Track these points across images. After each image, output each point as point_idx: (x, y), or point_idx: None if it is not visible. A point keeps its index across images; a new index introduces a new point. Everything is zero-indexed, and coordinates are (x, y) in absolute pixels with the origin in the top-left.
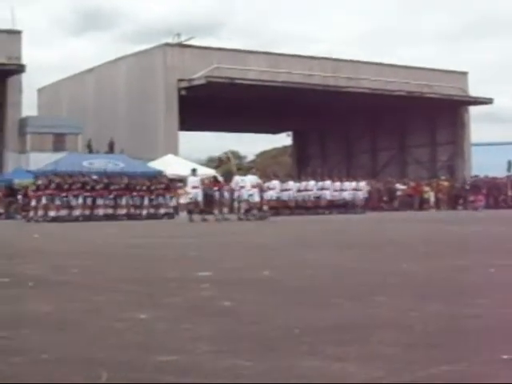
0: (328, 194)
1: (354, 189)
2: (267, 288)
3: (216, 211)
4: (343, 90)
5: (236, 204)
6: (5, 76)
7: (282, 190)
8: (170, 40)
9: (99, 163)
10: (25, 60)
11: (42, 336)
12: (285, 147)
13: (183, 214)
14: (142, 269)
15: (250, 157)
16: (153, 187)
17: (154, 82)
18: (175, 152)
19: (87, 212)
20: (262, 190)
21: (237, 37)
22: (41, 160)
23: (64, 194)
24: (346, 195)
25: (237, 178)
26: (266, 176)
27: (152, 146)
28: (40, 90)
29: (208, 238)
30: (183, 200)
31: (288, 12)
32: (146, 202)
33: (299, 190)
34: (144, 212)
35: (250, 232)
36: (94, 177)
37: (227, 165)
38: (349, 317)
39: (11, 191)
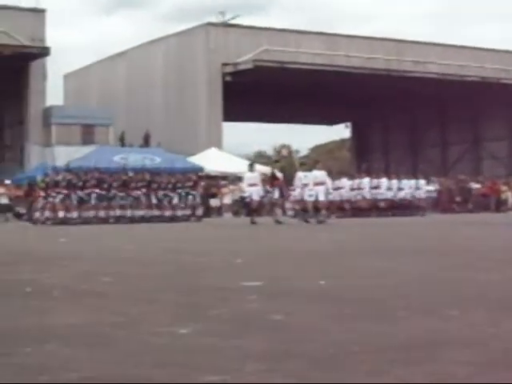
0: (383, 194)
1: (415, 187)
2: (323, 299)
3: (278, 212)
4: (408, 74)
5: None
6: (27, 60)
7: (334, 189)
8: (213, 19)
9: (133, 158)
10: (49, 42)
11: (69, 352)
12: (343, 140)
13: (227, 216)
14: (182, 277)
15: (303, 151)
16: (179, 185)
17: (194, 66)
18: (219, 145)
19: (102, 213)
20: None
21: (288, 16)
22: (67, 154)
23: (76, 193)
24: (404, 195)
25: (300, 175)
26: None
27: (192, 139)
28: (66, 76)
29: (256, 243)
30: (227, 200)
31: None
32: (175, 200)
33: (352, 189)
34: (168, 213)
35: (303, 237)
36: (130, 174)
37: (288, 159)
38: (416, 332)
39: (34, 189)
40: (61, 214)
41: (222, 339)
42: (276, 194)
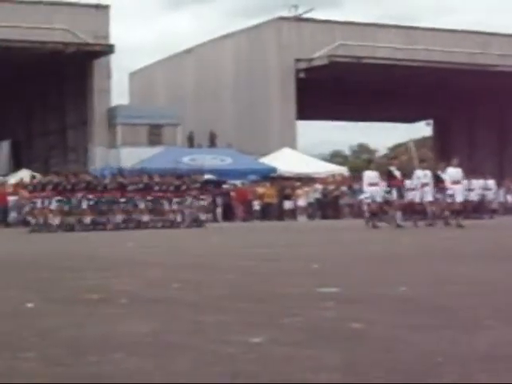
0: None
1: (484, 188)
2: (404, 307)
3: (392, 213)
4: (494, 69)
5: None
6: (91, 58)
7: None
8: (285, 13)
9: (203, 159)
10: (113, 39)
11: (138, 361)
12: (424, 138)
13: (302, 219)
14: (255, 284)
15: (382, 150)
16: (183, 187)
17: (266, 62)
18: (292, 145)
19: (98, 218)
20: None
21: (363, 8)
22: (134, 155)
23: (61, 197)
24: (473, 196)
25: (418, 173)
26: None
27: (264, 139)
28: (132, 75)
29: (333, 247)
30: (302, 202)
31: None
32: (175, 205)
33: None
34: (166, 218)
35: (384, 240)
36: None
37: (407, 155)
38: (504, 343)
39: None
40: (56, 220)
41: (296, 349)
42: (394, 195)
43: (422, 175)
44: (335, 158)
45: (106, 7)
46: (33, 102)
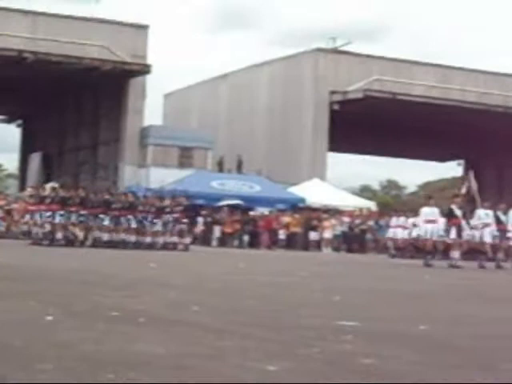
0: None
1: None
2: (422, 345)
3: (455, 255)
4: None
5: None
6: (127, 77)
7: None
8: (322, 45)
9: (231, 185)
10: (150, 59)
11: (154, 382)
12: (454, 178)
13: (327, 251)
14: (275, 312)
15: (411, 188)
16: (167, 209)
17: (301, 92)
18: (322, 177)
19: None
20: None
21: (400, 45)
22: (163, 176)
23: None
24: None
25: (479, 212)
26: None
27: (294, 169)
28: (166, 96)
29: (356, 281)
30: (328, 234)
31: (462, 21)
32: (158, 226)
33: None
34: (148, 239)
35: (405, 278)
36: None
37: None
38: None
39: None
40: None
41: (311, 379)
42: (453, 234)
43: (484, 215)
44: (364, 192)
45: (145, 27)
46: (67, 116)
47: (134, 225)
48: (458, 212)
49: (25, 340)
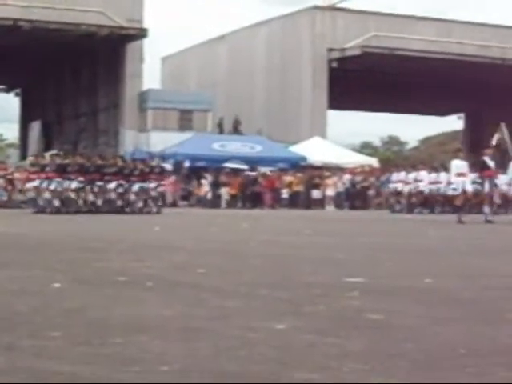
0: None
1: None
2: (428, 299)
3: (487, 209)
4: None
5: None
6: (124, 42)
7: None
8: (319, 2)
9: (233, 146)
10: (147, 23)
11: (163, 344)
12: (455, 132)
13: (330, 208)
14: (280, 271)
15: (412, 143)
16: (136, 172)
17: (299, 51)
18: (322, 135)
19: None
20: None
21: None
22: (164, 140)
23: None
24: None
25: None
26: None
27: (295, 127)
28: (164, 59)
29: (361, 237)
30: (331, 192)
31: None
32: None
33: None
34: (119, 203)
35: (409, 233)
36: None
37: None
38: None
39: None
40: (56, 202)
41: (320, 337)
42: (486, 187)
43: None
44: (365, 148)
45: None
46: (65, 84)
47: (120, 190)
48: (491, 163)
49: (32, 308)
